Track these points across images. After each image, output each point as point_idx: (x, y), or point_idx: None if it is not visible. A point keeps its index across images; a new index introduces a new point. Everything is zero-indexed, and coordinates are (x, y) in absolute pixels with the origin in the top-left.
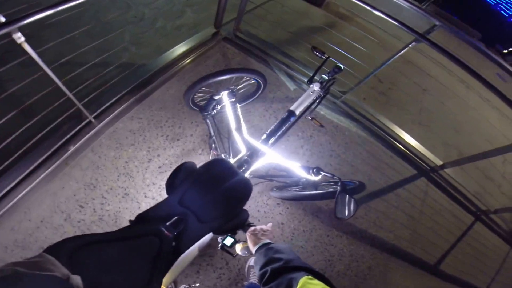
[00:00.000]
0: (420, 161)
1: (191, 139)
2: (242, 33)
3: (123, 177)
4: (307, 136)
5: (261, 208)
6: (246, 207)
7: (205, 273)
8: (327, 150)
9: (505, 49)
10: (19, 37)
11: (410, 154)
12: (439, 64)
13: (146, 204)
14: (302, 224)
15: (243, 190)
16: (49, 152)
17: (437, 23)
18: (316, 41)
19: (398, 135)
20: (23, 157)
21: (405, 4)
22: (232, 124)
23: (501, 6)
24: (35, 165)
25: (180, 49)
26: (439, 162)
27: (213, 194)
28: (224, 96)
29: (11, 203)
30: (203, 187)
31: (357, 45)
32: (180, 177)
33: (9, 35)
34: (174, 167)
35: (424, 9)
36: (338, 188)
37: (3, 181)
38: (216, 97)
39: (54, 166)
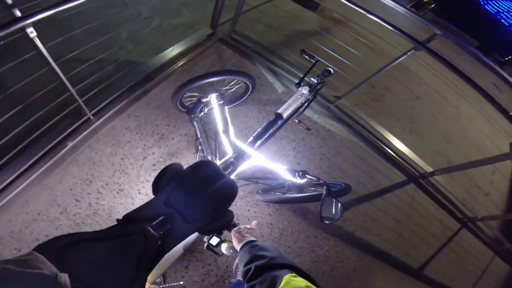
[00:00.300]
0: (410, 167)
1: (185, 138)
2: (237, 34)
3: (118, 174)
4: (299, 139)
5: (251, 208)
6: (236, 206)
7: (194, 269)
8: (318, 153)
9: (503, 58)
10: (32, 32)
11: (400, 160)
12: (433, 72)
13: (140, 200)
14: (291, 225)
15: (229, 192)
16: (48, 148)
17: (438, 32)
18: (310, 45)
19: (389, 141)
20: (23, 151)
21: (407, 14)
22: (220, 127)
23: (502, 15)
24: (33, 160)
25: (177, 48)
26: (429, 169)
27: (199, 195)
28: (213, 98)
29: (9, 196)
30: (189, 188)
31: (352, 49)
32: (166, 178)
33: (22, 29)
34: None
35: (425, 18)
36: (324, 191)
37: (3, 175)
38: (204, 100)
39: (52, 161)
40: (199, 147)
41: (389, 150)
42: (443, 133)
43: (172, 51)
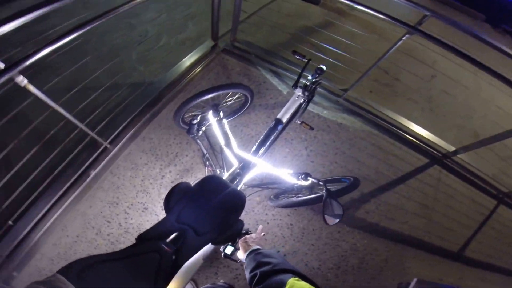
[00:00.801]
0: (431, 149)
1: (198, 154)
2: (239, 42)
3: (141, 194)
4: (311, 138)
5: (269, 212)
6: (254, 212)
7: (223, 274)
8: (332, 149)
9: (508, 27)
10: (22, 80)
11: (419, 143)
12: (444, 49)
13: (164, 215)
14: (311, 223)
15: (236, 202)
16: (73, 178)
17: (427, 13)
18: (311, 43)
19: (404, 125)
20: (51, 184)
21: None
22: (221, 141)
23: None
24: (62, 190)
25: (183, 65)
26: (451, 148)
27: (207, 209)
28: (209, 115)
29: (49, 223)
30: (197, 204)
31: (353, 43)
32: (175, 198)
33: (11, 80)
34: (185, 180)
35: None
36: (324, 192)
37: (39, 206)
38: (195, 121)
39: (79, 190)
40: (207, 162)
41: (406, 135)
42: (465, 108)
43: (178, 69)
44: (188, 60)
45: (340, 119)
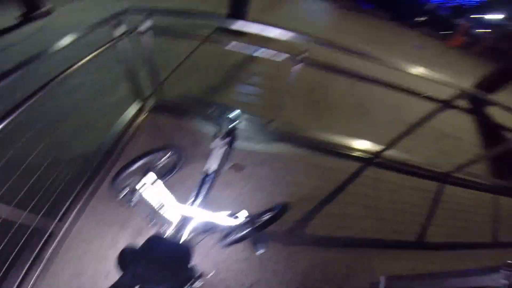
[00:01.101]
0: (362, 153)
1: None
2: (166, 99)
3: (100, 261)
4: (247, 176)
5: (223, 251)
6: (211, 254)
7: None
8: (269, 180)
9: (411, 22)
10: None
11: (349, 151)
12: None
13: None
14: (266, 251)
15: (179, 254)
16: (32, 258)
17: (305, 41)
18: (232, 88)
19: (333, 139)
20: (11, 269)
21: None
22: (158, 201)
23: None
24: (26, 268)
25: (115, 130)
26: (380, 147)
27: (157, 264)
28: (141, 182)
29: None
30: (147, 261)
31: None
32: (126, 259)
33: None
34: (138, 242)
35: (297, 32)
36: (250, 227)
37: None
38: (126, 191)
39: (41, 266)
40: (152, 222)
41: (336, 147)
42: (395, 102)
43: (112, 135)
44: (119, 125)
45: (274, 150)
